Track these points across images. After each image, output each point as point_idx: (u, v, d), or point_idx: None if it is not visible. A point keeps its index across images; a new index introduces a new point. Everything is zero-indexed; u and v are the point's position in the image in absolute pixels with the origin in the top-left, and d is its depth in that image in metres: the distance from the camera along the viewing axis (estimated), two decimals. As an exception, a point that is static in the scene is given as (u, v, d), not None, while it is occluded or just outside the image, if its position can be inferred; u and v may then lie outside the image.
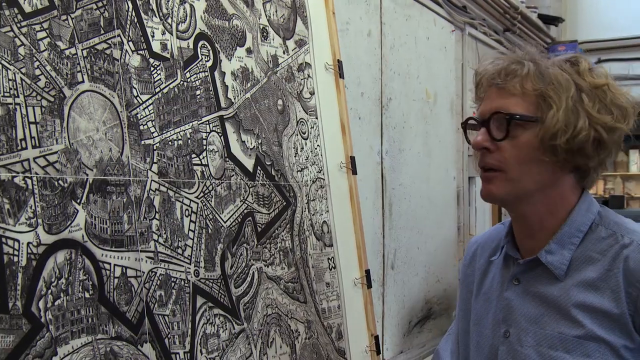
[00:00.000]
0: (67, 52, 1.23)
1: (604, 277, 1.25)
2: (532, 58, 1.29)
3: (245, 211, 1.62)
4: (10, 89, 1.12)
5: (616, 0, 7.14)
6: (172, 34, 1.48)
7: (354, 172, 2.11)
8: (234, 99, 1.64)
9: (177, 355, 1.38)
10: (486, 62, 1.34)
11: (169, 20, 1.48)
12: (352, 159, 2.11)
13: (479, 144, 1.31)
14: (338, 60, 2.11)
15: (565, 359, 1.25)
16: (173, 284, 1.39)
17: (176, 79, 1.47)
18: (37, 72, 1.17)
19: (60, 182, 1.18)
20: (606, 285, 1.24)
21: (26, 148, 1.13)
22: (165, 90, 1.44)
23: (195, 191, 1.48)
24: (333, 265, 1.94)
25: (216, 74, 1.59)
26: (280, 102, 1.81)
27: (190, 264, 1.44)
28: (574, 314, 1.25)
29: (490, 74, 1.31)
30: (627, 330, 1.21)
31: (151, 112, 1.39)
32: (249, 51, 1.71)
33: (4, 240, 1.08)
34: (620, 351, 1.21)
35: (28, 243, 1.12)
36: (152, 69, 1.41)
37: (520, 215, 1.36)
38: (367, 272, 2.08)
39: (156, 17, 1.44)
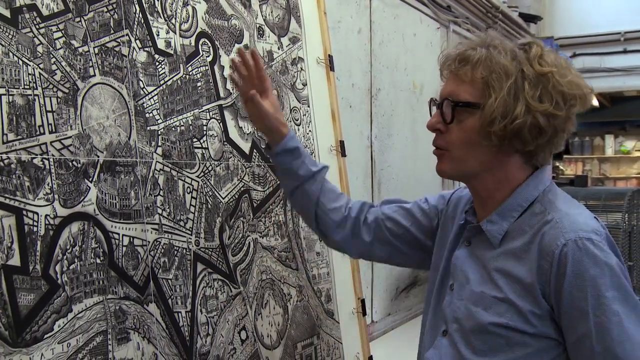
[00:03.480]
0: (80, 49, 1.27)
1: (526, 249, 1.24)
2: (488, 44, 1.27)
3: (242, 189, 1.66)
4: (29, 82, 1.16)
5: (589, 1, 7.11)
6: (175, 33, 1.51)
7: (343, 155, 2.14)
8: (232, 89, 1.67)
9: (180, 314, 1.42)
10: (451, 47, 1.33)
11: (173, 21, 1.51)
12: (342, 143, 2.14)
13: (431, 125, 1.32)
14: (329, 55, 2.13)
15: (482, 314, 1.25)
16: (176, 252, 1.43)
17: (179, 73, 1.51)
18: (54, 67, 1.21)
19: (74, 163, 1.22)
20: (526, 256, 1.24)
21: (44, 133, 1.17)
22: (169, 83, 1.47)
23: (196, 171, 1.52)
24: (323, 237, 1.97)
25: (216, 67, 1.62)
26: (274, 92, 1.84)
27: (191, 234, 1.48)
28: (495, 277, 1.26)
29: (448, 59, 1.30)
30: (535, 298, 1.21)
31: (156, 101, 1.43)
32: (246, 47, 1.74)
33: (24, 212, 1.12)
34: (527, 315, 1.21)
35: (46, 215, 1.16)
36: (157, 63, 1.45)
37: (472, 188, 1.36)
38: (355, 243, 2.11)
39: (161, 18, 1.48)
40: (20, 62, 1.15)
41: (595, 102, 7.68)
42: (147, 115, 1.40)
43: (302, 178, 1.52)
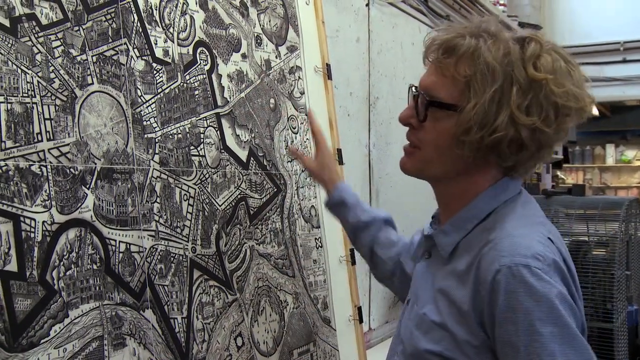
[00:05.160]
0: (78, 58, 1.29)
1: (467, 270, 1.10)
2: (481, 33, 1.10)
3: (239, 196, 1.68)
4: (28, 90, 1.18)
5: (589, 10, 7.15)
6: (173, 42, 1.53)
7: (341, 163, 2.15)
8: (230, 98, 1.69)
9: (176, 320, 1.43)
10: (440, 29, 1.17)
11: (171, 30, 1.53)
12: (339, 151, 2.15)
13: (403, 118, 1.19)
14: (327, 63, 2.15)
15: (420, 339, 1.13)
16: (172, 258, 1.45)
17: (177, 81, 1.52)
18: (52, 75, 1.23)
19: (71, 170, 1.24)
20: (466, 279, 1.09)
21: (42, 141, 1.19)
22: (166, 91, 1.49)
23: (193, 178, 1.53)
24: (320, 245, 1.99)
25: (213, 76, 1.64)
26: (272, 100, 1.85)
27: (188, 241, 1.50)
28: (437, 299, 1.13)
29: (434, 44, 1.14)
30: (471, 327, 1.07)
31: (154, 109, 1.45)
32: (244, 56, 1.76)
33: (22, 219, 1.14)
34: (462, 346, 1.07)
35: (43, 222, 1.18)
36: (154, 72, 1.46)
37: (435, 190, 1.23)
38: (352, 250, 2.13)
39: (159, 27, 1.50)
40: (19, 71, 1.17)
41: (595, 112, 7.71)
42: (144, 123, 1.42)
43: (353, 226, 1.64)
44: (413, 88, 1.20)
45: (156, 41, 1.48)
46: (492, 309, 1.04)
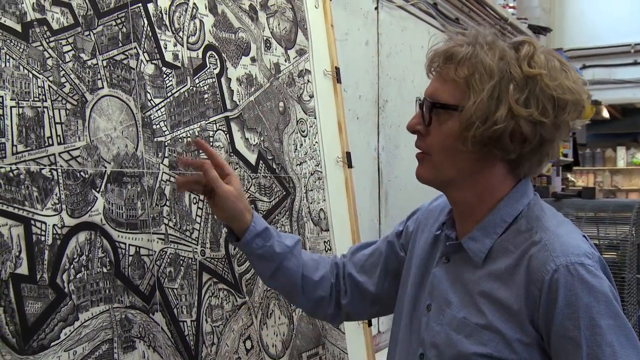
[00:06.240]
0: (89, 62, 1.30)
1: (511, 271, 1.16)
2: (476, 41, 1.18)
3: (248, 199, 1.68)
4: (39, 94, 1.19)
5: (598, 12, 7.13)
6: (183, 46, 1.54)
7: (350, 166, 2.16)
8: (239, 101, 1.69)
9: (185, 323, 1.44)
10: (440, 41, 1.25)
11: (181, 34, 1.54)
12: (348, 154, 2.16)
13: (410, 126, 1.25)
14: (336, 67, 2.16)
15: (463, 343, 1.17)
16: (182, 261, 1.45)
17: (186, 85, 1.53)
18: (63, 79, 1.24)
19: (81, 173, 1.25)
20: (511, 279, 1.15)
21: (52, 144, 1.20)
22: (176, 95, 1.50)
23: (203, 182, 1.54)
24: (329, 247, 1.99)
25: (223, 80, 1.65)
26: (281, 104, 1.86)
27: (197, 244, 1.50)
28: (478, 302, 1.18)
29: (435, 55, 1.22)
30: (523, 325, 1.13)
31: (163, 113, 1.46)
32: (253, 60, 1.77)
33: (32, 222, 1.15)
34: (513, 344, 1.13)
35: (53, 225, 1.18)
36: (164, 76, 1.47)
37: (451, 199, 1.28)
38: (361, 254, 2.13)
39: (169, 31, 1.50)
40: (30, 75, 1.18)
41: (605, 114, 7.69)
42: (154, 126, 1.43)
43: (281, 256, 1.40)
44: (418, 99, 1.27)
45: (166, 45, 1.49)
46: (549, 307, 1.10)
